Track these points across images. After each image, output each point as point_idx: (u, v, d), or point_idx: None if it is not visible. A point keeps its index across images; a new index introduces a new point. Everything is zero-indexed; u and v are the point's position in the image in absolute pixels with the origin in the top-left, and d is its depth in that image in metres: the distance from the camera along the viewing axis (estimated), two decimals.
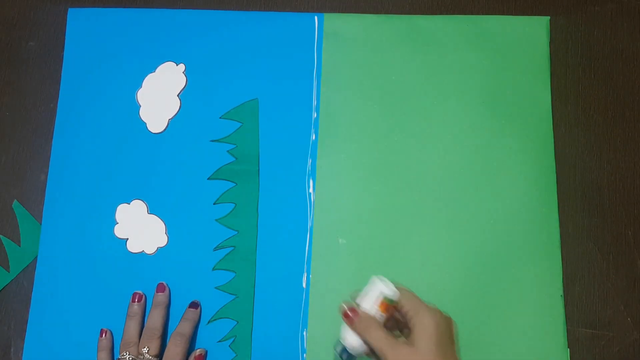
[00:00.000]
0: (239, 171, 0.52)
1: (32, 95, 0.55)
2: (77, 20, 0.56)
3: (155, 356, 0.46)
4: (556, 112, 0.54)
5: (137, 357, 0.46)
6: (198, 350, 0.48)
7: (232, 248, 0.51)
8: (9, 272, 0.52)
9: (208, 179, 0.52)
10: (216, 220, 0.51)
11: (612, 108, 0.54)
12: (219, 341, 0.49)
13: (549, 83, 0.53)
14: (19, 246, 0.52)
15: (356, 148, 0.52)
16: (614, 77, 0.55)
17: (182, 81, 0.54)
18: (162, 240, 0.51)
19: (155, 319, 0.48)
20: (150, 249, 0.51)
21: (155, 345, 0.47)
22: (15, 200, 0.53)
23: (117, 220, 0.52)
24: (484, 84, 0.53)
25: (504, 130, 0.52)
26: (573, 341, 0.49)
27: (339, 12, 0.56)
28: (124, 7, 0.56)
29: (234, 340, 0.49)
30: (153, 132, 0.53)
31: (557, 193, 0.52)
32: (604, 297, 0.50)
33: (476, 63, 0.54)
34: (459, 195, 0.51)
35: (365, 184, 0.52)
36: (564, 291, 0.50)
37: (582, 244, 0.51)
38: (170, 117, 0.54)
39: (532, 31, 0.54)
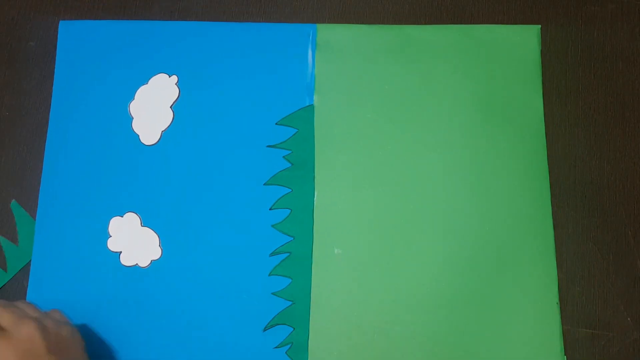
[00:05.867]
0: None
1: (32, 95, 0.55)
2: (69, 32, 0.56)
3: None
4: (556, 112, 0.54)
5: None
6: None
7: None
8: (6, 272, 0.51)
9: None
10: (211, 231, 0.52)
11: (612, 108, 0.54)
12: (276, 347, 0.49)
13: (541, 90, 0.54)
14: (17, 246, 0.52)
15: (351, 157, 0.52)
16: (614, 77, 0.55)
17: (174, 93, 0.54)
18: (156, 253, 0.51)
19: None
20: (143, 262, 0.51)
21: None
22: (13, 201, 0.53)
23: (110, 233, 0.52)
24: (476, 92, 0.53)
25: (497, 137, 0.52)
26: (573, 341, 0.49)
27: (336, 21, 0.56)
28: (118, 19, 0.56)
29: (290, 347, 0.49)
30: (146, 144, 0.53)
31: (558, 193, 0.52)
32: (604, 297, 0.50)
33: (468, 71, 0.54)
34: (453, 203, 0.51)
35: (361, 192, 0.52)
36: (563, 291, 0.50)
37: (582, 244, 0.51)
38: (163, 129, 0.54)
39: (523, 40, 0.55)
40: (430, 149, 0.52)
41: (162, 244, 0.51)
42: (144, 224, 0.52)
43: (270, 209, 0.52)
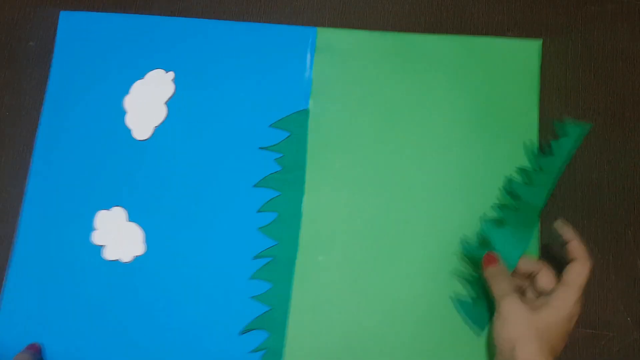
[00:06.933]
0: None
1: (32, 95, 0.55)
2: (69, 23, 0.56)
3: None
4: (556, 112, 0.54)
5: None
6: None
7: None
8: None
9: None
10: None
11: (612, 108, 0.54)
12: (251, 351, 0.49)
13: (537, 106, 0.53)
14: None
15: (345, 162, 0.52)
16: (614, 77, 0.55)
17: (170, 89, 0.54)
18: (139, 248, 0.51)
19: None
20: (126, 257, 0.51)
21: None
22: None
23: (96, 226, 0.52)
24: (472, 104, 0.53)
25: (491, 150, 0.52)
26: (573, 341, 0.49)
27: (337, 21, 0.56)
28: (120, 12, 0.56)
29: (266, 353, 0.49)
30: (138, 138, 0.53)
31: (558, 193, 0.52)
32: (604, 297, 0.50)
33: (466, 82, 0.53)
34: (444, 214, 0.51)
35: (351, 200, 0.51)
36: None
37: None
38: (156, 125, 0.54)
39: (524, 54, 0.54)
40: (423, 160, 0.52)
41: (147, 240, 0.51)
42: (131, 219, 0.52)
43: (257, 212, 0.51)
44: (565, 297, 0.43)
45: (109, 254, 0.51)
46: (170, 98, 0.54)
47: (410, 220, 0.51)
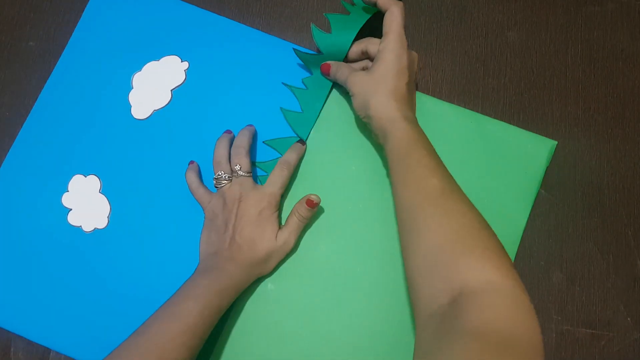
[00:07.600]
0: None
1: (32, 95, 0.55)
2: None
3: (247, 172, 0.48)
4: (557, 112, 0.54)
5: (231, 174, 0.48)
6: (312, 194, 0.48)
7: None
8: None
9: None
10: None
11: (612, 108, 0.54)
12: None
13: (531, 205, 0.51)
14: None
15: (322, 203, 0.51)
16: (614, 77, 0.55)
17: (180, 78, 0.54)
18: (102, 222, 0.51)
19: (241, 138, 0.50)
20: (87, 227, 0.51)
21: (244, 162, 0.48)
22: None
23: (69, 188, 0.52)
24: (469, 180, 0.48)
25: None
26: (573, 341, 0.49)
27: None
28: None
29: None
30: (135, 117, 0.54)
31: (558, 193, 0.52)
32: (604, 297, 0.50)
33: (468, 160, 0.51)
34: (396, 272, 0.50)
35: (315, 238, 0.51)
36: (563, 291, 0.50)
37: (582, 244, 0.51)
38: (156, 108, 0.54)
39: (535, 150, 0.52)
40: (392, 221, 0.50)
41: (112, 216, 0.52)
42: (103, 191, 0.52)
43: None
44: (387, 45, 0.46)
45: (72, 219, 0.51)
46: (178, 87, 0.54)
47: (363, 274, 0.50)
